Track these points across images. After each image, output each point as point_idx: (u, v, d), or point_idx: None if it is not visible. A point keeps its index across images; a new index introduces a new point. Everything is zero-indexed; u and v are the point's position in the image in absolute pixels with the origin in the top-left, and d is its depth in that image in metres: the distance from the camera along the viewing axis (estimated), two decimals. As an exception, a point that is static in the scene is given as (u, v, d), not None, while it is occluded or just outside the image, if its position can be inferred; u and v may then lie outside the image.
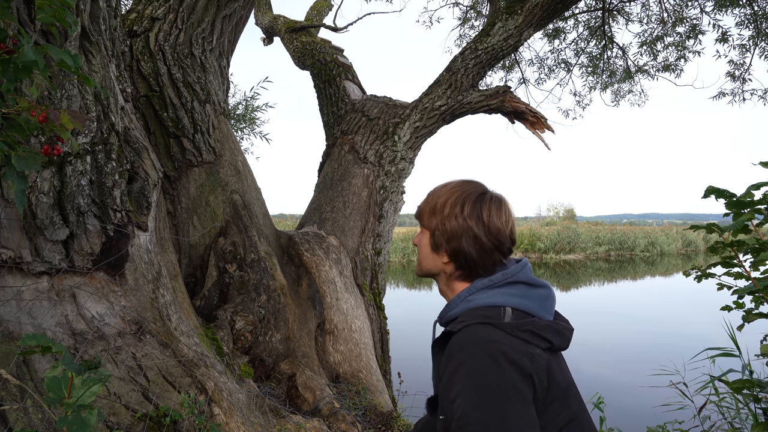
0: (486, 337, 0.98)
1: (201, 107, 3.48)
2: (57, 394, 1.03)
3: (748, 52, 6.36)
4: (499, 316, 1.02)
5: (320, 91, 5.36)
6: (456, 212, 1.12)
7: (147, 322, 2.23)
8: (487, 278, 1.10)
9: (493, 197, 1.15)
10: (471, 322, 1.02)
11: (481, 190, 1.17)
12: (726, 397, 3.23)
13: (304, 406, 3.00)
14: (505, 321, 1.01)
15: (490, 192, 1.17)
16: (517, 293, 1.08)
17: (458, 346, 0.98)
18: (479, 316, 1.02)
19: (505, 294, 1.07)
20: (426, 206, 1.19)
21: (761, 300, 1.93)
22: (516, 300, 1.06)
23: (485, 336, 0.98)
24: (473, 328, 1.00)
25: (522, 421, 0.90)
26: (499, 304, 1.06)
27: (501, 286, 1.09)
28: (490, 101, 4.42)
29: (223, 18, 3.77)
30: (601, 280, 18.26)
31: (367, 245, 4.32)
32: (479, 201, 1.13)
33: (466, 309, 1.08)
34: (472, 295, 1.10)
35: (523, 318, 1.04)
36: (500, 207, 1.14)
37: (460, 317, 1.07)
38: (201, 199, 3.41)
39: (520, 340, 0.99)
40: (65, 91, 2.03)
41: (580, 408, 1.06)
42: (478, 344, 0.97)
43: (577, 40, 7.44)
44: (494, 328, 0.99)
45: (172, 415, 1.97)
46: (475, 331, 1.00)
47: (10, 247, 1.85)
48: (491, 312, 1.04)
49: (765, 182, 1.68)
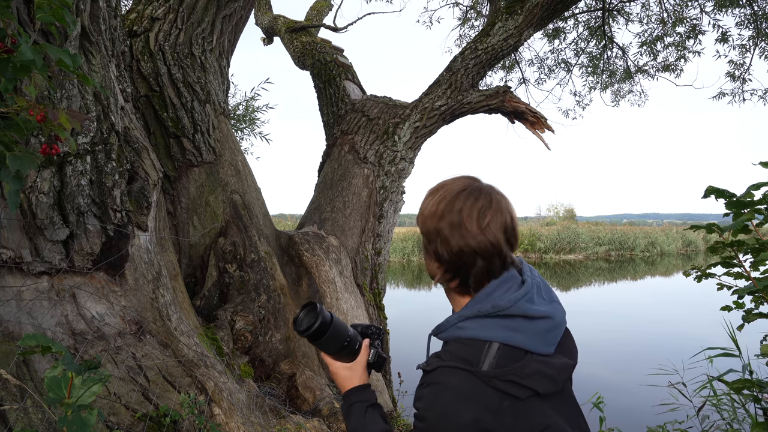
0: (456, 386, 0.89)
1: (201, 107, 3.48)
2: (57, 394, 1.03)
3: (748, 52, 6.37)
4: (478, 359, 0.90)
5: (320, 91, 5.36)
6: (432, 211, 0.99)
7: (147, 322, 2.23)
8: (480, 305, 0.96)
9: (471, 192, 0.98)
10: (445, 364, 0.92)
11: (461, 186, 0.99)
12: (723, 399, 3.23)
13: (304, 406, 3.00)
14: (483, 369, 0.89)
15: (472, 186, 0.99)
16: (511, 326, 0.94)
17: (428, 390, 0.92)
18: (456, 358, 0.92)
19: (497, 326, 0.94)
20: (419, 218, 1.06)
21: (761, 300, 1.93)
22: (507, 334, 0.93)
23: (456, 385, 0.89)
24: (448, 372, 0.91)
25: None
26: (485, 338, 0.93)
27: (492, 317, 0.94)
28: (490, 101, 4.42)
29: (223, 18, 3.77)
30: (601, 280, 18.26)
31: (367, 245, 4.32)
32: (454, 199, 0.97)
33: (453, 337, 0.98)
34: (462, 322, 0.97)
35: (511, 357, 0.92)
36: (474, 204, 0.96)
37: (443, 348, 0.99)
38: (201, 199, 3.41)
39: (496, 391, 0.88)
40: (65, 91, 2.03)
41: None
42: (446, 392, 0.90)
43: (577, 40, 7.44)
44: (469, 377, 0.89)
45: (172, 415, 1.97)
46: (447, 376, 0.91)
47: (10, 247, 1.85)
48: (473, 352, 0.92)
49: (765, 182, 1.68)
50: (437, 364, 0.93)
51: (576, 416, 1.01)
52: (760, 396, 1.95)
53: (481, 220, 0.94)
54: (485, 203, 0.96)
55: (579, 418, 1.02)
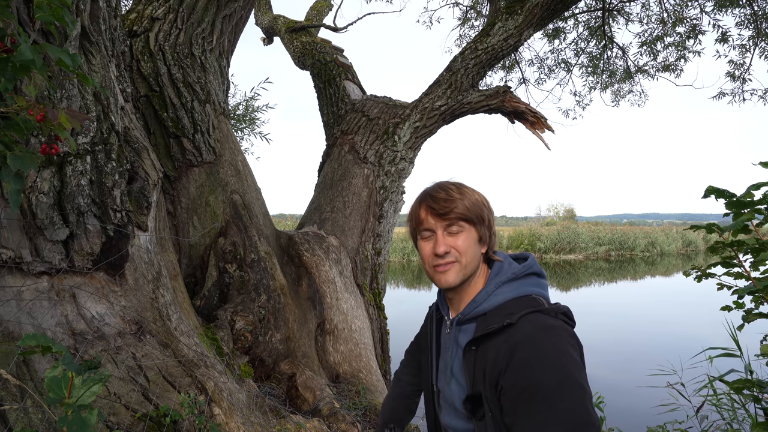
0: (547, 322, 1.00)
1: (201, 107, 3.48)
2: (57, 394, 1.03)
3: (748, 52, 6.37)
4: (540, 303, 1.05)
5: (320, 91, 5.36)
6: (479, 198, 1.17)
7: (147, 322, 2.23)
8: (510, 271, 1.13)
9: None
10: (523, 312, 1.02)
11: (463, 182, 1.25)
12: (723, 399, 3.23)
13: (304, 406, 3.00)
14: (547, 307, 1.04)
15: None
16: (534, 283, 1.12)
17: (526, 334, 0.97)
18: (527, 306, 1.04)
19: (527, 284, 1.11)
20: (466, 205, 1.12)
21: (761, 300, 1.92)
22: (535, 289, 1.11)
23: (546, 322, 1.00)
24: (532, 317, 1.01)
25: (589, 394, 0.94)
26: (528, 294, 1.09)
27: (521, 277, 1.12)
28: (490, 101, 4.42)
29: (223, 18, 3.77)
30: (601, 280, 18.25)
31: (367, 245, 4.32)
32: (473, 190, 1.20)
33: (498, 303, 1.09)
34: (498, 289, 1.11)
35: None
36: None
37: (503, 310, 1.07)
38: (201, 199, 3.41)
39: (563, 322, 1.03)
40: (65, 91, 2.03)
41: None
42: (544, 330, 0.98)
43: (577, 40, 7.44)
44: (545, 315, 1.02)
45: (172, 415, 1.97)
46: (535, 319, 1.01)
47: (10, 247, 1.85)
48: (532, 301, 1.07)
49: (765, 182, 1.68)
50: (518, 315, 1.03)
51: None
52: (760, 396, 1.94)
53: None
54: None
55: None
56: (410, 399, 1.48)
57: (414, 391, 1.48)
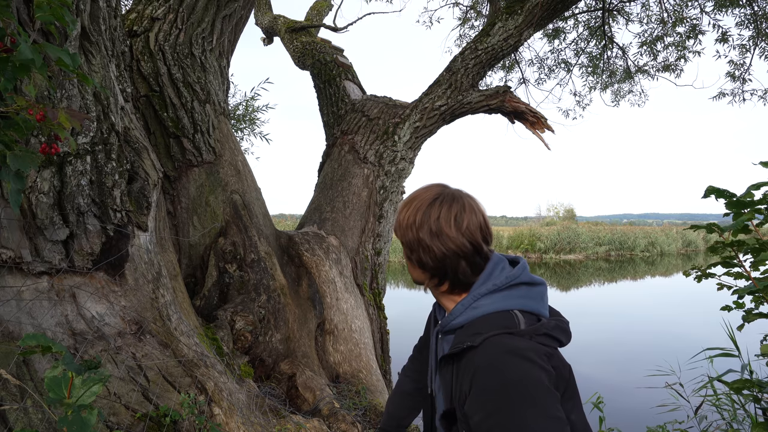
0: (513, 345, 0.92)
1: (201, 107, 3.48)
2: (57, 394, 1.03)
3: (748, 52, 6.37)
4: (514, 323, 0.97)
5: (320, 91, 5.36)
6: (411, 222, 1.05)
7: (147, 322, 2.23)
8: (491, 282, 1.02)
9: (444, 199, 1.05)
10: (490, 333, 0.95)
11: (434, 194, 1.06)
12: (723, 399, 3.23)
13: (304, 406, 3.00)
14: (522, 328, 0.96)
15: (444, 194, 1.07)
16: (521, 294, 1.02)
17: (487, 360, 0.91)
18: (496, 326, 0.96)
19: (510, 297, 1.01)
20: (395, 228, 1.12)
21: (761, 300, 1.92)
22: (521, 302, 1.01)
23: (511, 345, 0.92)
24: (497, 339, 0.93)
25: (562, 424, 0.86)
26: (506, 308, 1.00)
27: (504, 289, 1.02)
28: (490, 101, 4.42)
29: (223, 18, 3.77)
30: (601, 280, 18.25)
31: (367, 245, 4.32)
32: (429, 208, 1.04)
33: (473, 317, 1.01)
34: (476, 302, 1.02)
35: (532, 319, 1.00)
36: (450, 209, 1.03)
37: (472, 328, 1.00)
38: (201, 199, 3.41)
39: (540, 344, 0.94)
40: (65, 91, 2.03)
41: (578, 397, 1.04)
42: (508, 354, 0.90)
43: (577, 40, 7.44)
44: (515, 337, 0.94)
45: (172, 415, 1.97)
46: (500, 341, 0.93)
47: (10, 247, 1.85)
48: (505, 319, 0.98)
49: (765, 182, 1.68)
50: (483, 336, 0.95)
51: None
52: (759, 396, 1.95)
53: (459, 224, 1.03)
54: (459, 208, 1.04)
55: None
56: (412, 396, 1.46)
57: (416, 388, 1.45)
